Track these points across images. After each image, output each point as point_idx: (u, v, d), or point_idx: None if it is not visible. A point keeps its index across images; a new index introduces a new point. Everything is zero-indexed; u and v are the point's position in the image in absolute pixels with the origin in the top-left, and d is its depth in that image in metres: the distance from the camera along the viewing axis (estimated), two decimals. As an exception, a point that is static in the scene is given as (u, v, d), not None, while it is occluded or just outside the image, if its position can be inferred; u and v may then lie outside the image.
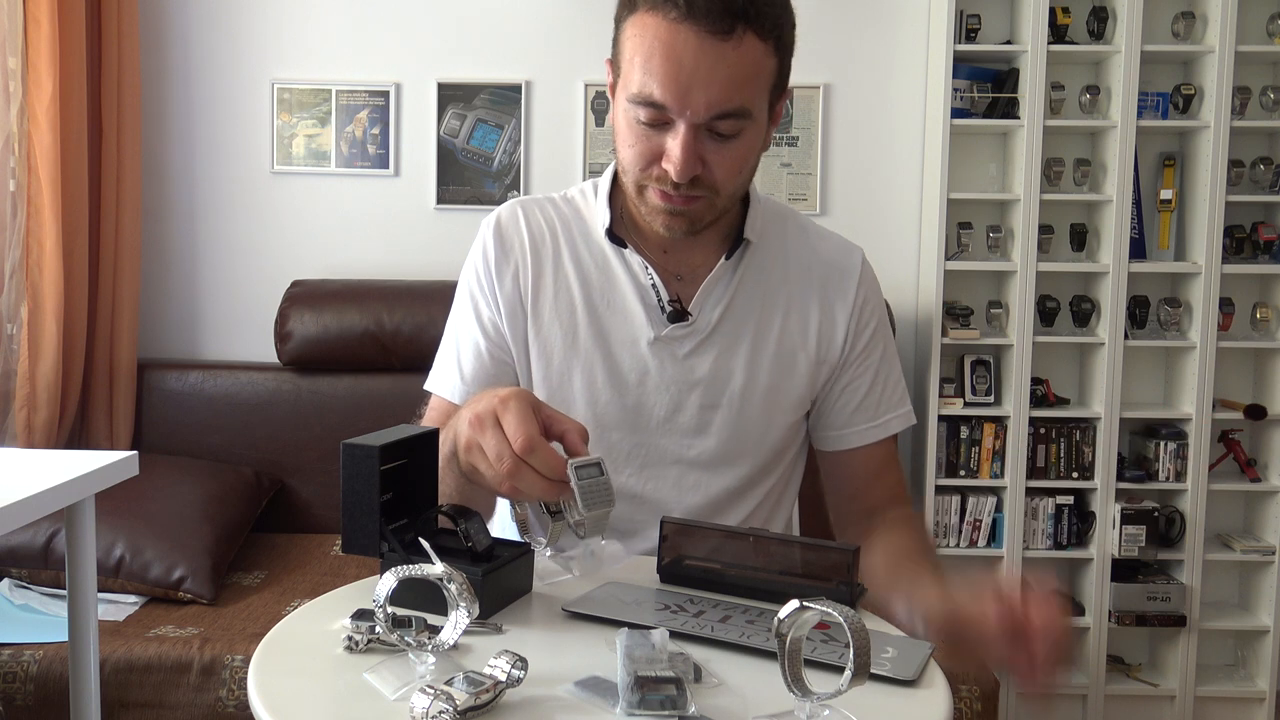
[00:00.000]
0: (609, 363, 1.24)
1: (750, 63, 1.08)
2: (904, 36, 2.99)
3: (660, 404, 1.24)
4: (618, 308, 1.25)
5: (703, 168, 1.11)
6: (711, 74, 1.06)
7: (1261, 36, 2.86)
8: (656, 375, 1.24)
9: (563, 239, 1.28)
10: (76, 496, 1.67)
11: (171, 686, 2.06)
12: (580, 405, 1.24)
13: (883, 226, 3.03)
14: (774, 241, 1.29)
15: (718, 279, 1.25)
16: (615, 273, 1.25)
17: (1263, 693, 2.90)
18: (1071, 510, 2.89)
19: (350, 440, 0.97)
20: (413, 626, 0.86)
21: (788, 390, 1.27)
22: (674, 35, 1.06)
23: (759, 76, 1.10)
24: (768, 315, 1.27)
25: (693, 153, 1.10)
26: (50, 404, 2.60)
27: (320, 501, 2.84)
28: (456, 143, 3.01)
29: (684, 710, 0.77)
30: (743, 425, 1.25)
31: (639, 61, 1.09)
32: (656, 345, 1.24)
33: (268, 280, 3.00)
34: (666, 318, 1.24)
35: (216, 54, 3.01)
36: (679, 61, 1.06)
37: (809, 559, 1.05)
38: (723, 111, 1.08)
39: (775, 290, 1.28)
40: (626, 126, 1.14)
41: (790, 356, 1.27)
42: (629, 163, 1.15)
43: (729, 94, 1.08)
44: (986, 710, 2.15)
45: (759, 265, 1.28)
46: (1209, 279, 2.81)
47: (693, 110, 1.08)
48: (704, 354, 1.25)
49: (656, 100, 1.08)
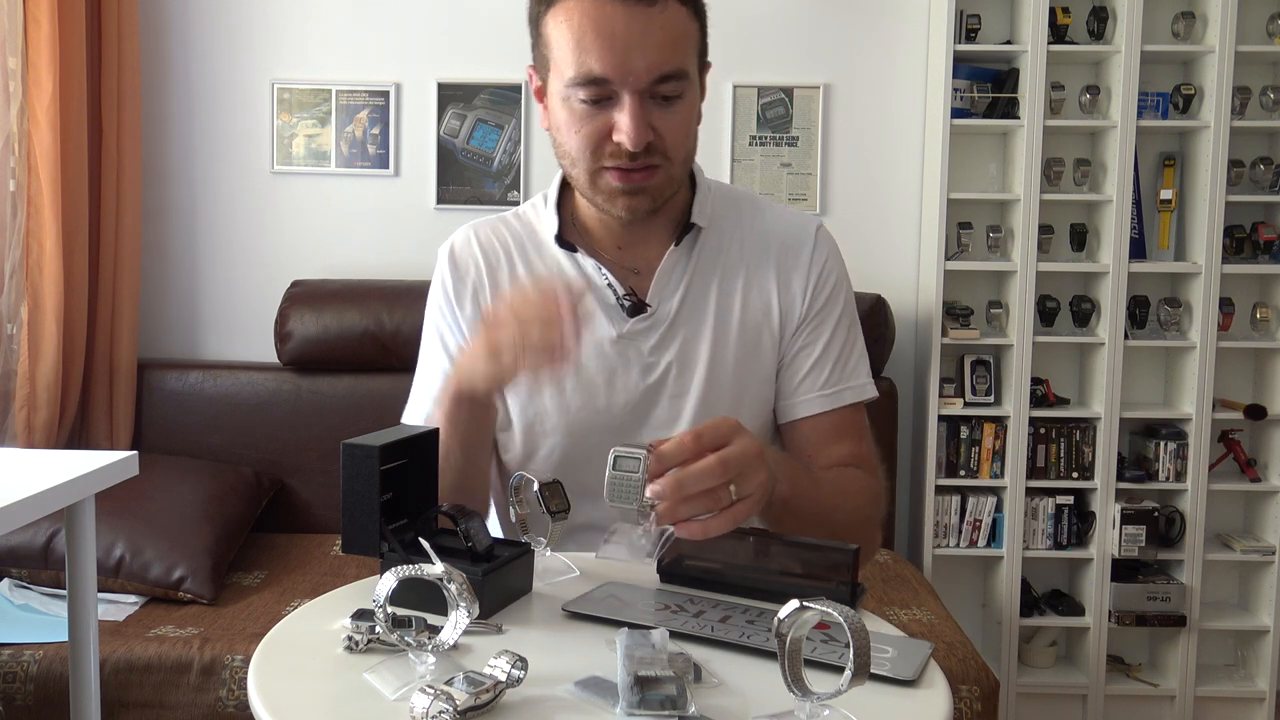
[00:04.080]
0: (576, 369, 1.24)
1: (677, 24, 1.12)
2: (904, 36, 2.99)
3: (631, 402, 1.25)
4: None
5: (653, 135, 1.13)
6: (645, 39, 1.09)
7: (1261, 36, 2.86)
8: (623, 375, 1.24)
9: (516, 254, 1.29)
10: (76, 496, 1.67)
11: (171, 686, 2.06)
12: (553, 414, 1.25)
13: (883, 226, 3.03)
14: (727, 224, 1.29)
15: (671, 267, 1.25)
16: (570, 278, 1.25)
17: (1263, 693, 2.90)
18: (1071, 510, 2.89)
19: (350, 440, 0.97)
20: (413, 626, 0.86)
21: (755, 369, 1.26)
22: (600, 10, 1.09)
23: (687, 38, 1.14)
24: (727, 296, 1.26)
25: (642, 120, 1.11)
26: (50, 404, 2.60)
27: (320, 501, 2.84)
28: (456, 143, 3.01)
29: (684, 710, 0.77)
30: (714, 408, 1.24)
31: (571, 45, 1.11)
32: (620, 343, 1.24)
33: (268, 280, 3.00)
34: (626, 313, 1.24)
35: (216, 54, 3.01)
36: (612, 33, 1.09)
37: (809, 559, 1.05)
38: (663, 74, 1.11)
39: (733, 271, 1.27)
40: (569, 115, 1.15)
41: (755, 334, 1.26)
42: (579, 150, 1.16)
43: (665, 56, 1.11)
44: (986, 710, 2.14)
45: (713, 248, 1.27)
46: (1209, 279, 2.81)
47: (635, 76, 1.10)
48: (669, 344, 1.25)
49: (597, 75, 1.10)
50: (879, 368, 2.84)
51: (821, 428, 1.26)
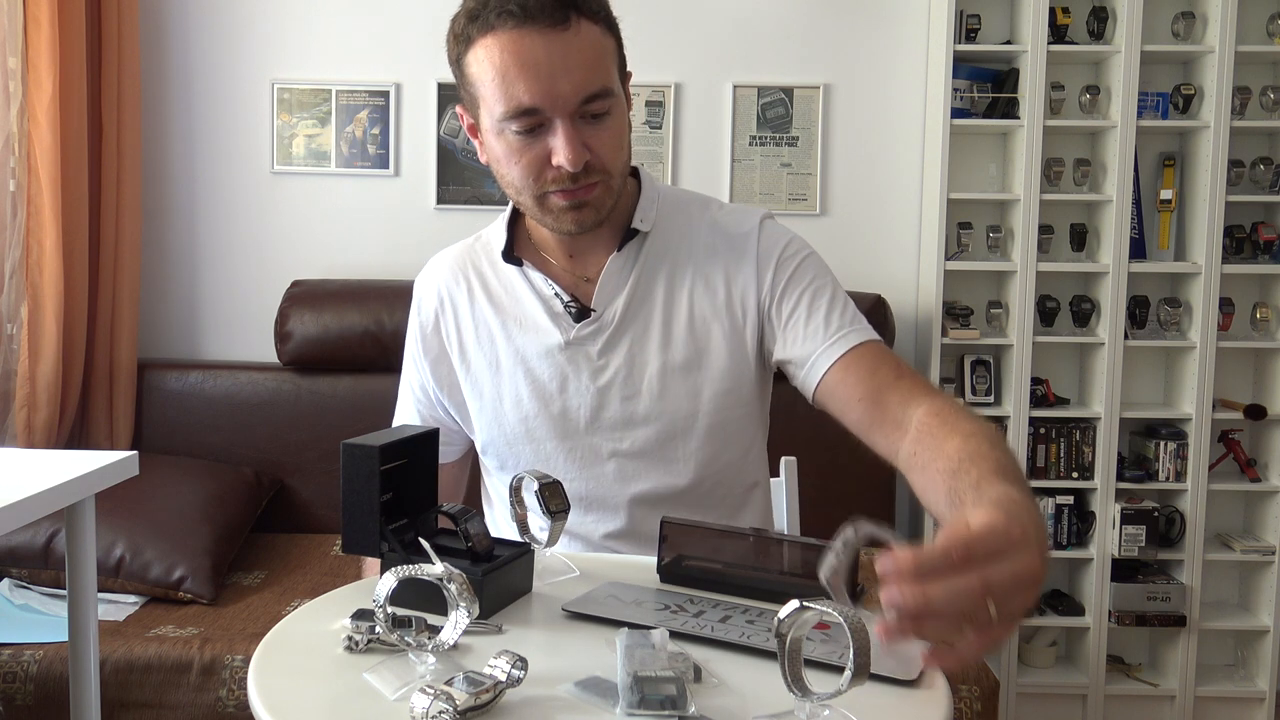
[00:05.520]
0: (530, 378, 1.29)
1: (594, 44, 1.16)
2: (904, 36, 2.99)
3: (584, 405, 1.28)
4: (528, 325, 1.30)
5: (589, 154, 1.17)
6: (566, 63, 1.13)
7: (1261, 36, 2.86)
8: (574, 379, 1.29)
9: (474, 277, 1.35)
10: (76, 496, 1.67)
11: (171, 686, 2.06)
12: (512, 423, 1.30)
13: (883, 226, 3.03)
14: (673, 227, 1.32)
15: (613, 271, 1.29)
16: (520, 292, 1.31)
17: (1263, 693, 2.90)
18: (1071, 510, 2.89)
19: (350, 440, 0.98)
20: (413, 626, 0.86)
21: (708, 364, 1.28)
22: (519, 43, 1.13)
23: (605, 54, 1.18)
24: (674, 296, 1.29)
25: (577, 141, 1.15)
26: (50, 404, 2.60)
27: (320, 501, 2.84)
28: (456, 143, 3.01)
29: (684, 710, 0.77)
30: (667, 408, 1.27)
31: (496, 81, 1.14)
32: (569, 350, 1.28)
33: (268, 280, 3.00)
34: (572, 318, 1.28)
35: (216, 54, 3.01)
36: (535, 63, 1.12)
37: (809, 559, 1.05)
38: (589, 94, 1.15)
39: (679, 271, 1.30)
40: (505, 149, 1.19)
41: (704, 329, 1.28)
42: (521, 179, 1.20)
43: (589, 76, 1.14)
44: (986, 710, 2.14)
45: (658, 251, 1.31)
46: (1209, 279, 2.81)
47: (563, 100, 1.13)
48: (616, 348, 1.28)
49: (527, 106, 1.14)
50: (879, 368, 2.84)
51: (848, 370, 1.22)
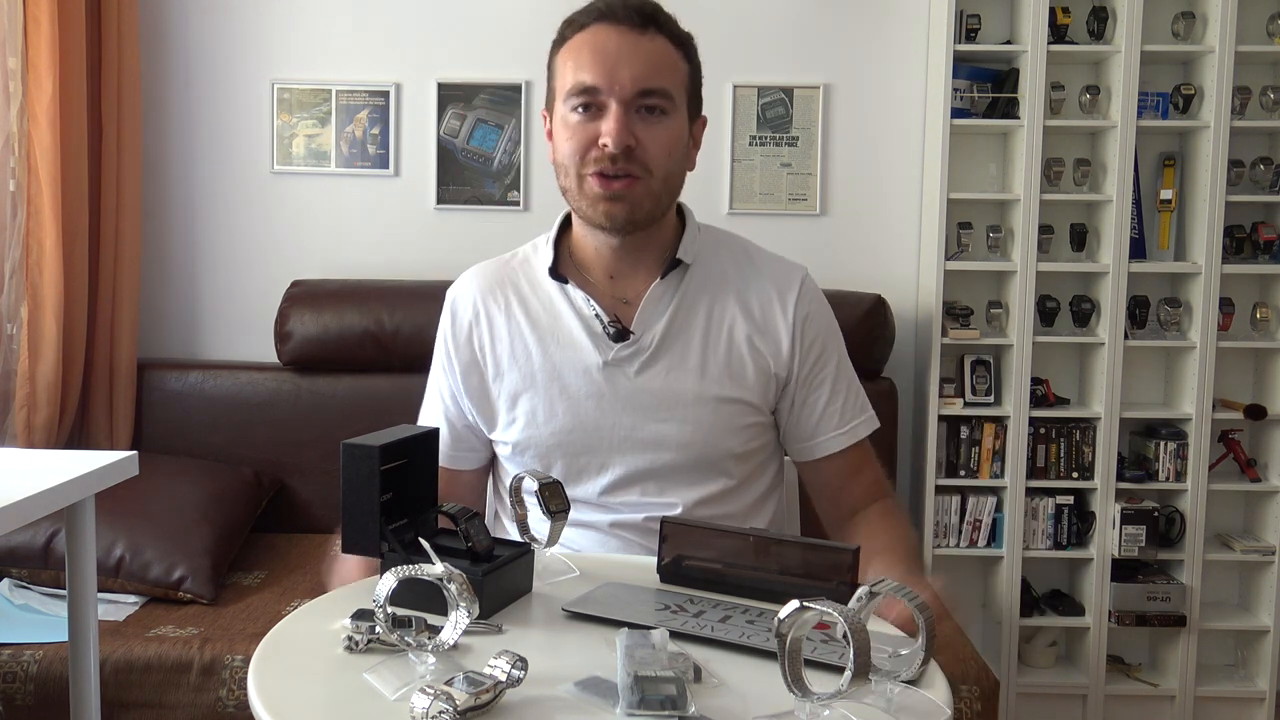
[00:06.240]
0: (565, 394, 1.32)
1: (665, 53, 1.27)
2: (904, 36, 2.99)
3: (618, 424, 1.31)
4: (566, 342, 1.34)
5: (635, 142, 1.24)
6: (633, 56, 1.25)
7: (1261, 36, 2.86)
8: (610, 398, 1.31)
9: (512, 293, 1.39)
10: (76, 496, 1.67)
11: (171, 686, 2.06)
12: (545, 436, 1.33)
13: (883, 226, 3.03)
14: (713, 265, 1.38)
15: (656, 297, 1.33)
16: (560, 310, 1.35)
17: (1263, 693, 2.89)
18: (1071, 510, 2.89)
19: (350, 440, 0.98)
20: (413, 626, 0.86)
21: (742, 397, 1.34)
22: (598, 35, 1.26)
23: (675, 69, 1.28)
24: (713, 328, 1.34)
25: (624, 125, 1.24)
26: (50, 404, 2.60)
27: (320, 501, 2.84)
28: (456, 143, 3.01)
29: (684, 710, 0.77)
30: (699, 435, 1.31)
31: (570, 65, 1.27)
32: (607, 370, 1.32)
33: (268, 280, 3.00)
34: (611, 339, 1.32)
35: (216, 54, 3.01)
36: (604, 50, 1.25)
37: (809, 559, 1.05)
38: (646, 88, 1.25)
39: (719, 306, 1.35)
40: (564, 128, 1.28)
41: (740, 364, 1.34)
42: (569, 156, 1.27)
43: (649, 72, 1.25)
44: (986, 710, 2.14)
45: (699, 285, 1.35)
46: (1209, 279, 2.81)
47: (620, 86, 1.24)
48: (653, 371, 1.32)
49: (588, 84, 1.24)
50: (879, 368, 2.84)
51: (845, 463, 1.40)
